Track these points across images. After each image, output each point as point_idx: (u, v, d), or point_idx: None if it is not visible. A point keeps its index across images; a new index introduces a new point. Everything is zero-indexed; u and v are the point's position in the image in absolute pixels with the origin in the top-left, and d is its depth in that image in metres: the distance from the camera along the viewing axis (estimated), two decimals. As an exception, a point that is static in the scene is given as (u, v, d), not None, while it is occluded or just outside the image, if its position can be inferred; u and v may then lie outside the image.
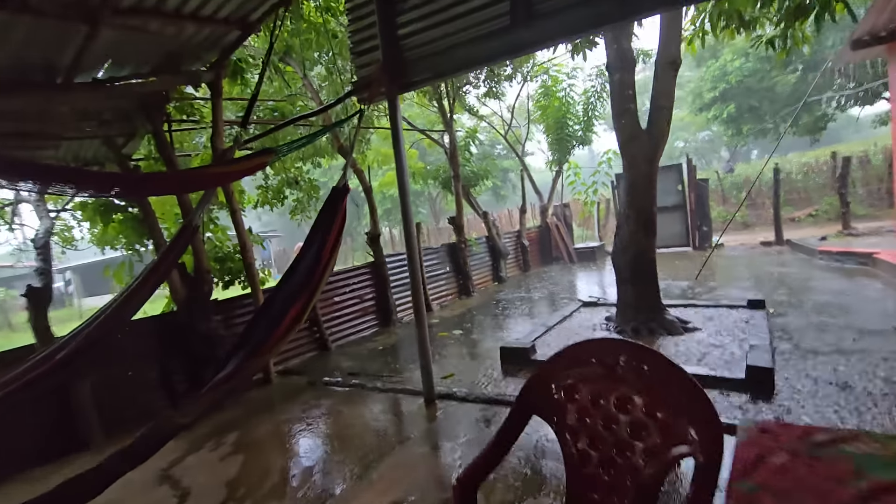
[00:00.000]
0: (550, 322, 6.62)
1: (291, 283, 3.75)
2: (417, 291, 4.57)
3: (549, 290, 9.80)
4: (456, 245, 9.90)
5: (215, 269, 5.84)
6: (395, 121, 4.54)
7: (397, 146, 4.48)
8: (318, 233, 3.82)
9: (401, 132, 4.56)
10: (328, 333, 7.16)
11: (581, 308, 7.48)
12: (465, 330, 7.36)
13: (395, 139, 4.50)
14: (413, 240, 4.50)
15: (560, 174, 13.33)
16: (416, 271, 4.66)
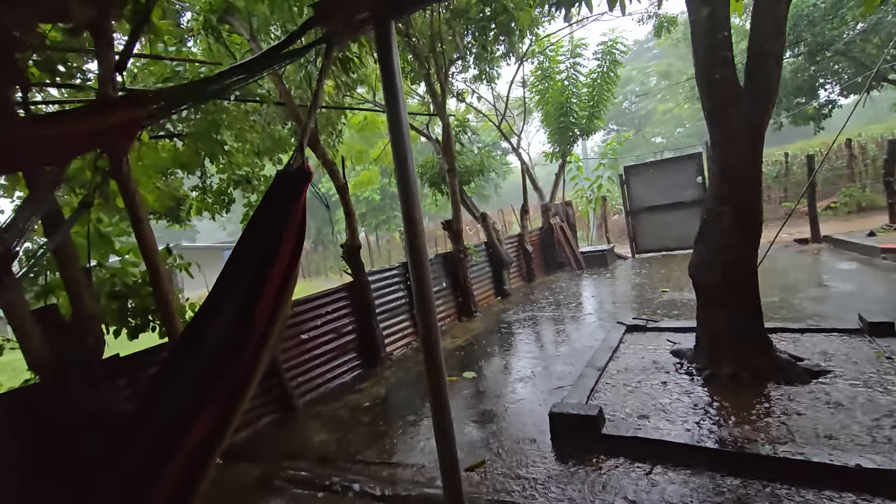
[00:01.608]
0: (598, 361, 4.89)
1: (203, 357, 1.87)
2: (430, 323, 2.68)
3: (567, 305, 8.09)
4: (453, 255, 8.08)
5: (111, 311, 3.84)
6: (389, 63, 2.67)
7: (393, 104, 2.60)
8: (255, 248, 1.97)
9: (398, 82, 2.69)
10: (294, 385, 5.24)
11: (627, 335, 5.78)
12: (477, 370, 5.54)
13: (388, 94, 2.63)
14: (420, 242, 2.62)
15: (563, 168, 11.70)
16: (425, 291, 2.74)
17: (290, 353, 5.32)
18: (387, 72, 2.25)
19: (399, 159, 2.37)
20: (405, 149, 2.49)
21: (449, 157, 7.77)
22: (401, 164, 2.37)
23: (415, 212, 2.52)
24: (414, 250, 2.39)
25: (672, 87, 29.76)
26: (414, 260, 2.41)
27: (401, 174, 2.39)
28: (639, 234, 11.91)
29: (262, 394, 4.95)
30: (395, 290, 6.93)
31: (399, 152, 2.43)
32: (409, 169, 2.48)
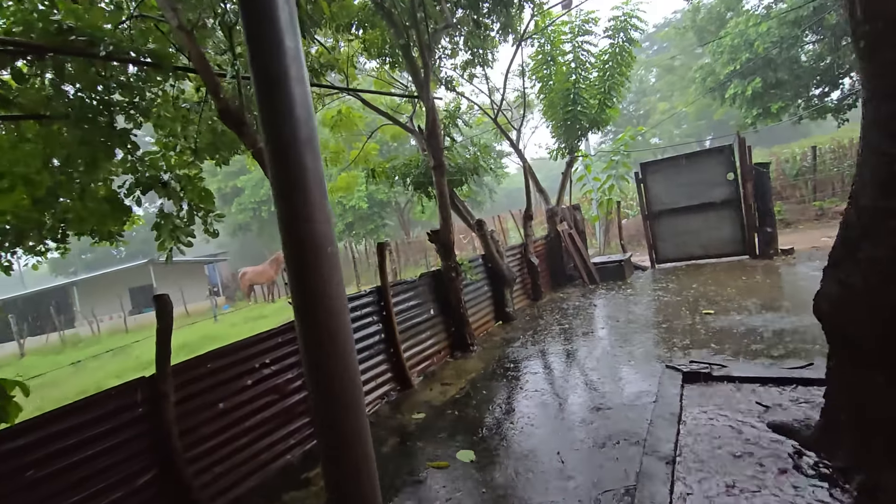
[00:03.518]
0: (661, 442, 3.23)
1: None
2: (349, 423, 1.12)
3: (587, 335, 6.41)
4: (442, 274, 6.40)
5: None
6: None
7: (262, 56, 0.90)
8: None
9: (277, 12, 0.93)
10: (205, 481, 3.53)
11: (686, 387, 4.12)
12: (477, 446, 3.85)
13: (252, 30, 0.88)
14: (323, 279, 0.97)
15: (570, 167, 10.09)
16: (332, 364, 1.01)
17: (199, 433, 3.60)
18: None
19: (277, 141, 1.10)
20: (284, 118, 1.00)
21: (435, 150, 6.10)
22: (281, 147, 0.99)
23: (309, 229, 0.90)
24: (309, 292, 0.98)
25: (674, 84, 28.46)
26: (306, 305, 0.97)
27: (279, 164, 0.90)
28: (659, 241, 10.30)
29: (148, 501, 3.22)
30: (364, 325, 5.23)
31: (273, 121, 0.97)
32: (297, 156, 0.99)
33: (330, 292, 1.11)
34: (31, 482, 2.83)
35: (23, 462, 2.82)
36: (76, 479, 3.00)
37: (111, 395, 3.23)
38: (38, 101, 4.04)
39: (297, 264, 1.11)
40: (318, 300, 1.10)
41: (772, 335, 5.09)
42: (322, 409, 1.12)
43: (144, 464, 3.31)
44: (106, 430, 3.18)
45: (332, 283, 1.12)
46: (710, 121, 31.23)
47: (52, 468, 2.92)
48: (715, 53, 15.08)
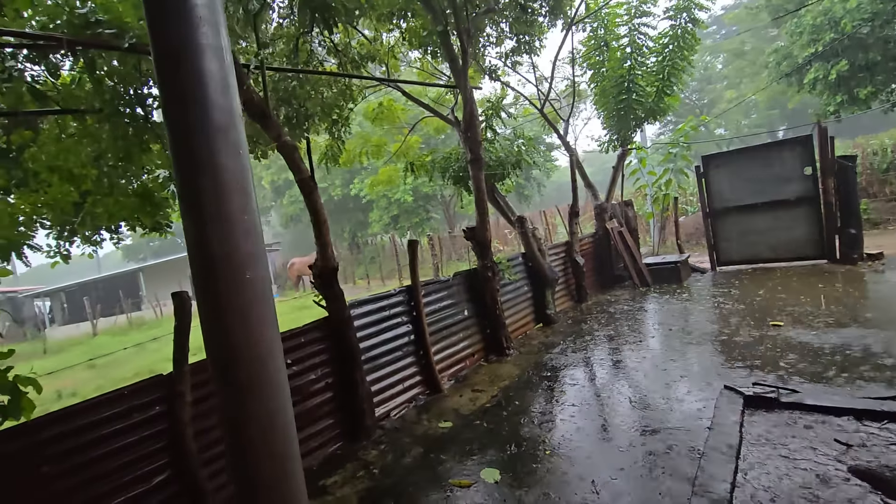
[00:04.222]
0: (715, 482, 2.77)
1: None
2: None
3: (635, 343, 5.88)
4: (478, 273, 6.08)
5: None
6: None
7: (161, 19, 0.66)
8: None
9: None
10: (220, 484, 3.45)
11: (748, 414, 3.59)
12: (504, 465, 3.53)
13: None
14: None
15: (622, 160, 9.42)
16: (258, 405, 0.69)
17: (214, 434, 3.52)
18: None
19: (178, 132, 0.98)
20: (187, 102, 0.97)
21: (472, 142, 5.76)
22: (182, 140, 0.96)
23: (221, 250, 0.67)
24: (223, 335, 0.93)
25: (744, 70, 26.27)
26: (219, 352, 0.93)
27: (181, 163, 0.88)
28: (721, 241, 9.41)
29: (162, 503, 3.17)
30: (393, 326, 5.03)
31: (173, 106, 0.93)
32: (207, 152, 0.84)
33: (250, 334, 0.85)
34: (46, 477, 2.82)
35: (39, 457, 2.81)
36: (94, 476, 2.99)
37: (127, 393, 3.20)
38: (75, 96, 4.09)
39: (206, 298, 0.85)
40: (235, 343, 0.84)
41: (856, 356, 4.39)
42: (244, 481, 0.86)
43: (160, 463, 3.26)
44: (124, 426, 3.15)
45: (252, 322, 0.85)
46: (783, 109, 28.62)
47: (70, 463, 2.92)
48: (793, 34, 13.57)
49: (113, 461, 3.06)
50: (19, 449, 2.74)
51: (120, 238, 6.07)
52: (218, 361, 0.84)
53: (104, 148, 4.22)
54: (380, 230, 26.41)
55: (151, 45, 0.99)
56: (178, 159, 0.83)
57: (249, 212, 0.85)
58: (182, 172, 0.82)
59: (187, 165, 0.83)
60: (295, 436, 0.95)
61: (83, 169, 4.42)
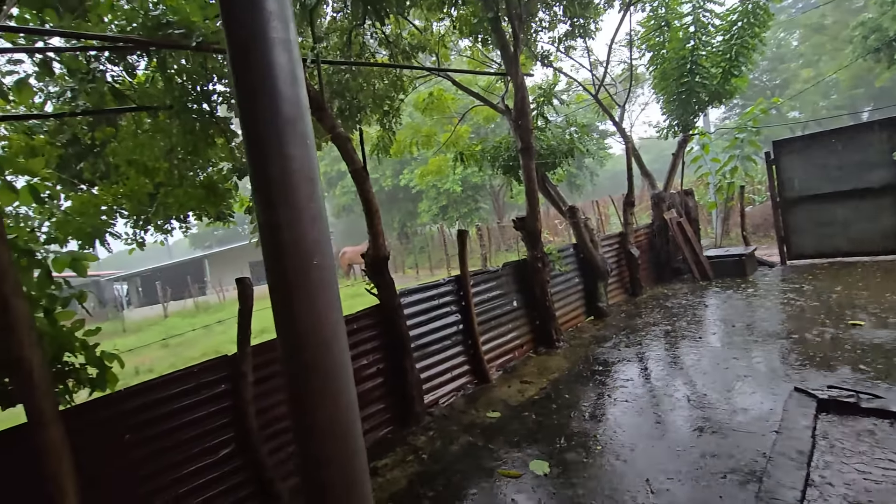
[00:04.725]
0: (783, 494, 2.61)
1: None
2: None
3: (693, 338, 5.60)
4: (528, 263, 6.00)
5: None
6: None
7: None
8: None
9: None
10: (281, 458, 3.65)
11: (821, 419, 3.34)
12: (553, 458, 3.49)
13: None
14: None
15: (683, 147, 8.92)
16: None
17: (274, 413, 3.72)
18: None
19: (251, 123, 1.23)
20: (258, 93, 1.27)
21: (523, 131, 5.65)
22: (256, 131, 1.17)
23: (290, 238, 0.79)
24: (291, 319, 1.08)
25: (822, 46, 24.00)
26: (288, 334, 1.08)
27: (254, 154, 1.14)
28: (793, 233, 8.72)
29: (225, 475, 3.39)
30: (442, 315, 5.07)
31: (246, 96, 1.25)
32: (276, 142, 1.23)
33: (316, 318, 0.88)
34: (128, 444, 3.09)
35: (123, 426, 3.09)
36: (169, 445, 3.24)
37: (197, 371, 3.43)
38: (149, 94, 4.39)
39: (276, 283, 0.89)
40: (302, 327, 0.87)
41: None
42: (310, 459, 0.90)
43: (225, 437, 3.48)
44: (193, 402, 3.39)
45: (319, 306, 0.88)
46: (869, 89, 25.93)
47: (149, 433, 3.18)
48: (883, 4, 12.21)
49: (184, 433, 3.31)
50: (106, 418, 3.02)
51: (188, 227, 6.50)
52: (287, 343, 0.88)
53: (174, 142, 4.50)
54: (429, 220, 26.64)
55: (226, 39, 1.04)
56: (250, 149, 0.87)
57: (316, 199, 0.88)
58: (254, 161, 0.86)
59: (258, 155, 0.87)
60: (357, 415, 0.98)
61: (156, 162, 4.75)
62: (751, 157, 9.71)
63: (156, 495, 3.12)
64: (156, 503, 3.11)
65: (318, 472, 0.89)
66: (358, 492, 0.90)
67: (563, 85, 12.30)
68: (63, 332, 2.78)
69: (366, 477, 0.95)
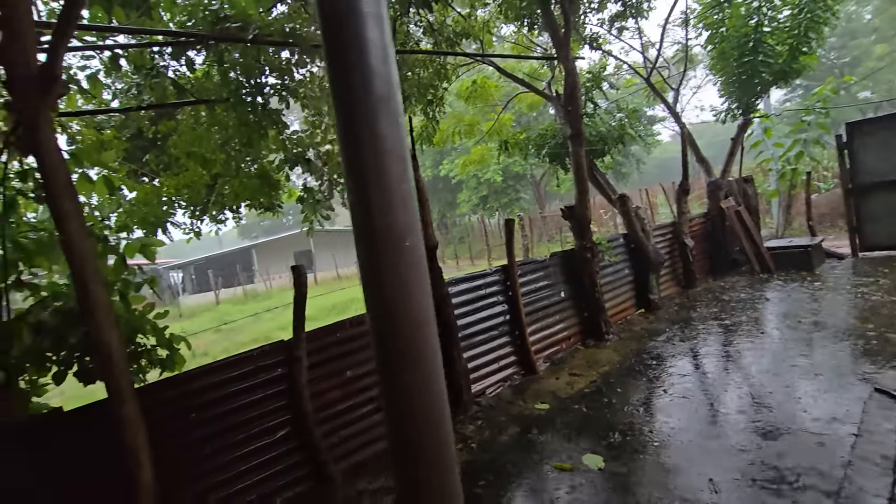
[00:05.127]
0: (867, 502, 2.41)
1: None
2: None
3: (753, 333, 5.29)
4: (576, 253, 5.84)
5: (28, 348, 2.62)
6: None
7: None
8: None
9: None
10: (331, 443, 3.73)
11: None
12: (609, 452, 3.40)
13: None
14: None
15: (743, 131, 8.41)
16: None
17: (328, 397, 3.80)
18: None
19: (343, 100, 1.21)
20: (351, 69, 1.22)
21: (573, 117, 5.47)
22: (347, 109, 1.20)
23: (383, 220, 0.79)
24: (384, 300, 1.12)
25: None
26: (380, 316, 1.10)
27: (346, 133, 0.97)
28: (867, 223, 8.06)
29: (281, 455, 3.51)
30: (488, 304, 5.03)
31: (338, 73, 1.20)
32: (369, 120, 1.16)
33: (408, 301, 0.85)
34: (193, 422, 3.25)
35: (189, 405, 3.24)
36: (230, 425, 3.38)
37: (255, 354, 3.55)
38: (206, 88, 4.54)
39: (368, 265, 0.87)
40: (395, 309, 0.85)
41: None
42: (400, 440, 0.88)
43: (282, 419, 3.60)
44: (252, 384, 3.51)
45: (411, 290, 0.85)
46: (955, 64, 23.54)
47: (212, 412, 3.33)
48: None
49: (244, 414, 3.44)
50: (173, 397, 3.18)
51: (240, 217, 6.73)
52: (379, 328, 0.86)
53: (230, 134, 4.65)
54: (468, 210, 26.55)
55: (318, 13, 1.03)
56: (342, 129, 0.85)
57: (407, 180, 0.85)
58: (346, 141, 0.84)
59: (351, 134, 0.85)
60: (446, 401, 0.95)
61: (213, 154, 4.93)
62: (818, 140, 9.02)
63: (218, 473, 3.27)
64: (217, 480, 3.26)
65: (412, 460, 0.87)
66: (450, 481, 0.87)
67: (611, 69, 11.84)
68: (136, 315, 2.94)
69: (454, 463, 0.92)
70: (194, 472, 3.19)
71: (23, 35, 2.38)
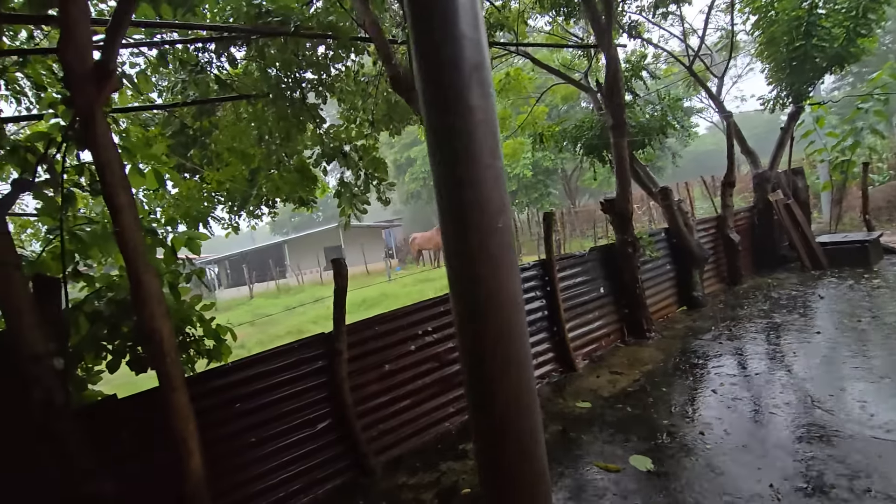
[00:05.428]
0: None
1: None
2: None
3: (811, 337, 5.00)
4: (616, 248, 5.66)
5: (86, 337, 2.69)
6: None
7: None
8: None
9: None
10: (371, 436, 3.73)
11: None
12: (656, 453, 3.26)
13: None
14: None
15: (794, 120, 7.98)
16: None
17: (367, 390, 3.80)
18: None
19: (430, 68, 1.24)
20: (440, 34, 1.11)
21: (615, 107, 5.28)
22: (434, 77, 1.12)
23: (472, 196, 0.85)
24: (472, 282, 1.11)
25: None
26: (468, 299, 1.15)
27: (432, 101, 1.09)
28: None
29: (322, 447, 3.52)
30: (527, 300, 4.92)
31: (425, 39, 1.21)
32: (458, 89, 0.85)
33: (500, 284, 0.79)
34: (238, 413, 3.29)
35: (233, 395, 3.29)
36: (273, 415, 3.42)
37: (297, 346, 3.57)
38: (247, 84, 4.61)
39: (455, 244, 0.81)
40: (486, 295, 0.79)
41: None
42: (487, 429, 0.82)
43: (323, 411, 3.61)
44: (294, 376, 3.54)
45: (502, 272, 0.79)
46: None
47: (255, 403, 3.37)
48: None
49: (285, 405, 3.47)
50: (219, 387, 3.23)
51: (276, 212, 6.83)
52: (466, 310, 0.80)
53: (270, 128, 4.70)
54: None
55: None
56: (428, 96, 0.79)
57: (498, 157, 0.79)
58: (432, 110, 0.77)
59: (439, 103, 0.78)
60: (534, 387, 0.89)
61: (253, 149, 5.00)
62: (875, 129, 8.46)
63: (260, 463, 3.31)
64: (260, 471, 3.30)
65: (499, 447, 0.82)
66: (539, 469, 0.81)
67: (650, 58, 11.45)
68: (184, 306, 2.99)
69: (543, 453, 0.86)
70: (238, 461, 3.24)
71: (79, 32, 2.43)
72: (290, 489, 3.35)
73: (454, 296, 0.85)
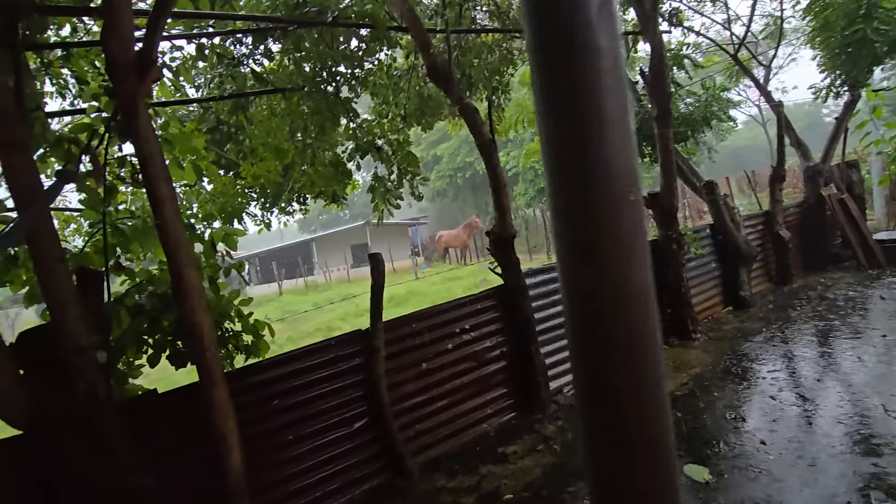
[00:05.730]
0: None
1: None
2: None
3: (872, 341, 4.64)
4: (660, 245, 5.40)
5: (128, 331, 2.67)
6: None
7: None
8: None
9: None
10: (408, 436, 3.63)
11: None
12: (712, 464, 3.04)
13: None
14: None
15: (849, 110, 7.50)
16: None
17: (404, 389, 3.69)
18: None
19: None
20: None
21: (660, 96, 5.01)
22: (551, 26, 0.58)
23: (601, 164, 0.68)
24: (599, 266, 0.81)
25: None
26: (593, 286, 0.83)
27: (548, 56, 0.71)
28: None
29: (359, 447, 3.44)
30: (566, 298, 4.73)
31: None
32: (583, 37, 0.61)
33: (629, 271, 0.64)
34: (277, 409, 3.24)
35: (271, 392, 3.23)
36: (310, 413, 3.35)
37: (334, 343, 3.49)
38: (283, 77, 4.56)
39: (575, 221, 0.66)
40: (614, 280, 0.65)
41: None
42: (610, 444, 0.68)
43: (360, 410, 3.53)
44: (331, 373, 3.46)
45: (633, 257, 0.65)
46: None
47: (293, 400, 3.30)
48: None
49: (323, 403, 3.39)
50: (257, 383, 3.18)
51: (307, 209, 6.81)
52: (583, 289, 0.66)
53: (305, 122, 4.65)
54: (524, 203, 25.97)
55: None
56: (534, 27, 0.64)
57: (628, 111, 0.64)
58: (542, 49, 0.63)
59: (554, 41, 0.64)
60: (667, 400, 0.74)
61: (287, 143, 4.96)
62: (939, 119, 7.85)
63: (297, 461, 3.24)
64: (297, 469, 3.24)
65: (625, 458, 0.69)
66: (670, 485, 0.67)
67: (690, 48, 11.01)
68: (223, 300, 2.94)
69: (673, 453, 0.72)
70: (275, 459, 3.18)
71: (122, 21, 2.39)
72: (327, 488, 3.28)
73: (565, 283, 0.71)
